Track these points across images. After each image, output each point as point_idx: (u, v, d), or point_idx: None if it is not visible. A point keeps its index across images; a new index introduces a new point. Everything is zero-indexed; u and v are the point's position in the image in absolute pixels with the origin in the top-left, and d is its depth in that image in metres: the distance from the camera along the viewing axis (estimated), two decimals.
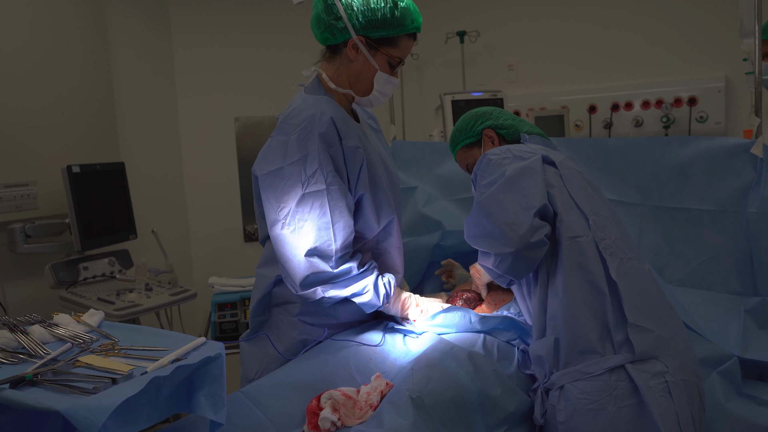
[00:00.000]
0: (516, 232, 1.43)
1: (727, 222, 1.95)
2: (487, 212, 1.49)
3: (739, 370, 1.69)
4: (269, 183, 1.59)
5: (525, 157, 1.57)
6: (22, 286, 2.62)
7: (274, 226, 1.59)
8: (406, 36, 1.67)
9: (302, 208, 1.55)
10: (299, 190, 1.55)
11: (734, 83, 3.25)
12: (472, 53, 3.90)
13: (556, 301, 1.48)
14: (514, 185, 1.49)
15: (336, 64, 1.69)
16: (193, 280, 3.77)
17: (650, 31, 3.47)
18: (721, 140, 2.02)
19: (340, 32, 1.63)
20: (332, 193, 1.56)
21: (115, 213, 2.90)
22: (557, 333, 1.47)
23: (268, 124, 3.94)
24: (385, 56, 1.66)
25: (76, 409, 0.95)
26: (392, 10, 1.61)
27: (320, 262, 1.56)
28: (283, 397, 1.42)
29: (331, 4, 1.61)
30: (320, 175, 1.55)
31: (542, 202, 1.46)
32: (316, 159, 1.55)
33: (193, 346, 1.22)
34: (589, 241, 1.48)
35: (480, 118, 1.89)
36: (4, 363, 1.15)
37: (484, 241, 1.53)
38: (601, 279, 1.45)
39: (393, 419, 1.28)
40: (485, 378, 1.47)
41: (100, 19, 3.18)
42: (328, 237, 1.56)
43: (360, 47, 1.63)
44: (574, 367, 1.42)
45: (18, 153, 2.63)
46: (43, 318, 1.35)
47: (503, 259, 1.48)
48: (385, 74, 1.68)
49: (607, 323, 1.42)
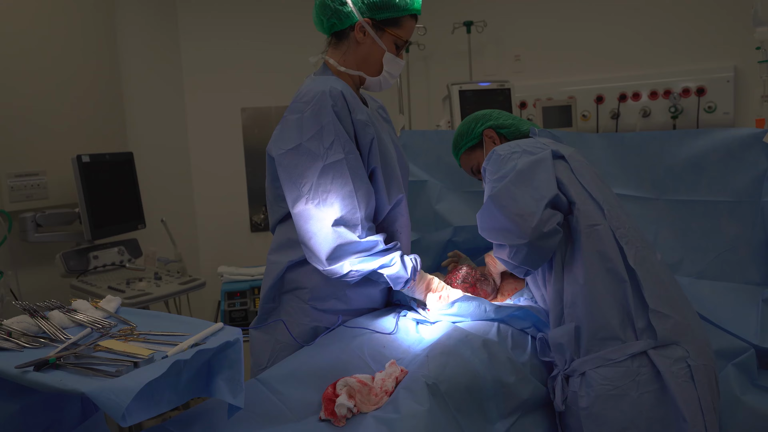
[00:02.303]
0: (528, 224, 1.44)
1: (744, 212, 1.95)
2: (500, 205, 1.50)
3: (755, 362, 1.70)
4: (289, 161, 1.62)
5: (534, 152, 1.58)
6: (33, 274, 2.64)
7: (297, 203, 1.60)
8: (409, 17, 1.73)
9: (324, 179, 1.57)
10: (319, 162, 1.57)
11: (743, 73, 3.24)
12: (479, 43, 3.89)
13: (576, 288, 1.49)
14: (524, 178, 1.51)
15: (343, 49, 1.75)
16: (201, 270, 3.78)
17: (658, 20, 3.45)
18: (734, 131, 2.01)
19: (346, 16, 1.69)
20: (351, 162, 1.59)
21: (124, 202, 2.91)
22: (577, 320, 1.48)
23: (275, 114, 3.95)
24: (391, 36, 1.71)
25: (101, 391, 0.96)
26: None
27: (347, 232, 1.57)
28: (299, 385, 1.43)
29: None
30: (338, 145, 1.58)
31: (553, 193, 1.48)
32: (332, 131, 1.59)
33: (211, 331, 1.23)
34: (606, 229, 1.50)
35: (480, 120, 1.90)
36: (27, 347, 1.16)
37: (498, 234, 1.55)
38: (620, 266, 1.46)
39: (409, 405, 1.29)
40: (500, 365, 1.48)
41: (108, 12, 3.18)
42: (352, 205, 1.58)
43: (367, 29, 1.69)
44: (596, 354, 1.44)
45: (28, 143, 2.64)
46: (62, 304, 1.36)
47: (518, 251, 1.49)
48: (393, 54, 1.73)
49: (628, 310, 1.43)
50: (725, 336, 1.75)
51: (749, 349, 1.71)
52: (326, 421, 1.28)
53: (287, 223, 1.76)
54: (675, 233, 2.04)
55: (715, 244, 1.99)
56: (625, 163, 2.15)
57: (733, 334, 1.76)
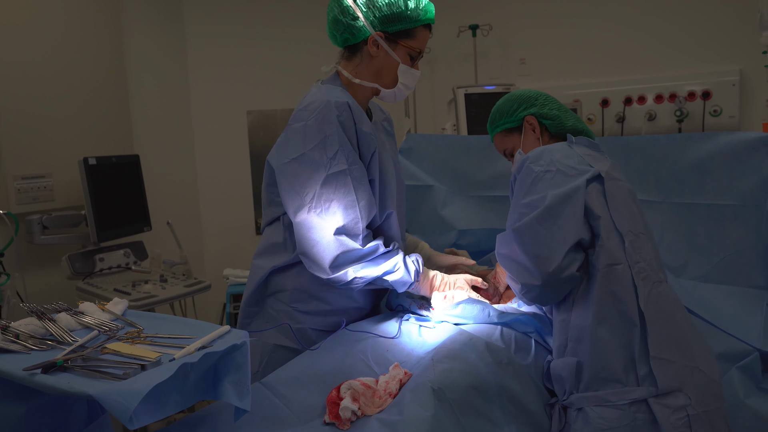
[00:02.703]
0: (546, 267, 1.42)
1: (749, 216, 1.94)
2: (521, 240, 1.46)
3: (760, 366, 1.69)
4: (291, 171, 1.62)
5: (569, 174, 1.51)
6: (39, 276, 2.65)
7: (299, 212, 1.61)
8: (422, 27, 1.72)
9: (327, 189, 1.58)
10: (323, 172, 1.58)
11: (749, 77, 3.23)
12: (485, 47, 3.89)
13: (584, 325, 1.45)
14: (551, 215, 1.45)
15: (357, 62, 1.74)
16: (206, 272, 3.79)
17: (663, 24, 3.45)
18: (739, 134, 2.01)
19: (359, 31, 1.69)
20: (354, 172, 1.60)
21: (130, 205, 2.92)
22: (581, 356, 1.45)
23: (280, 117, 3.96)
24: (405, 48, 1.71)
25: (109, 393, 0.96)
26: (406, 3, 1.67)
27: (349, 241, 1.58)
28: (303, 388, 1.43)
29: (347, 6, 1.68)
30: (341, 155, 1.59)
31: (578, 237, 1.44)
32: (336, 141, 1.59)
33: (218, 334, 1.23)
34: (625, 268, 1.45)
35: (524, 102, 1.79)
36: (34, 349, 1.16)
37: (513, 267, 1.51)
38: (632, 309, 1.42)
39: (414, 409, 1.29)
40: (503, 369, 1.47)
41: (114, 15, 3.20)
42: (355, 215, 1.59)
43: (380, 42, 1.68)
44: (596, 393, 1.42)
45: (35, 145, 2.66)
46: (69, 306, 1.36)
47: (530, 290, 1.48)
48: (407, 66, 1.72)
49: (633, 354, 1.41)
50: (730, 339, 1.74)
51: (753, 352, 1.71)
52: (330, 424, 1.28)
53: (273, 227, 1.77)
54: (680, 236, 2.03)
55: (720, 248, 1.99)
56: (630, 166, 2.14)
57: (737, 337, 1.75)
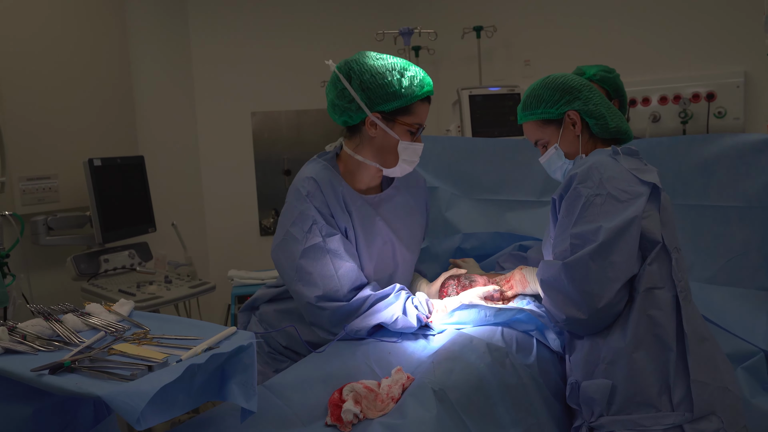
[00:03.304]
0: (595, 304, 1.41)
1: (754, 217, 1.94)
2: (571, 275, 1.43)
3: (765, 366, 1.69)
4: (282, 248, 1.68)
5: (621, 199, 1.45)
6: (44, 277, 2.65)
7: (290, 283, 1.67)
8: (419, 102, 1.69)
9: (305, 261, 1.63)
10: (300, 246, 1.64)
11: (753, 78, 3.23)
12: (489, 48, 3.89)
13: (619, 347, 1.43)
14: (604, 252, 1.40)
15: (357, 141, 1.74)
16: (210, 273, 3.80)
17: (668, 25, 3.44)
18: (744, 136, 2.01)
19: (356, 113, 1.68)
20: (329, 244, 1.64)
21: (134, 206, 2.93)
22: (614, 378, 1.43)
23: (285, 118, 3.96)
24: (403, 126, 1.69)
25: (116, 394, 0.97)
26: (399, 82, 1.65)
27: (332, 303, 1.62)
28: (306, 390, 1.43)
29: (342, 89, 1.67)
30: (315, 229, 1.64)
31: (630, 275, 1.42)
32: (309, 215, 1.65)
33: (225, 335, 1.23)
34: (665, 292, 1.43)
35: (567, 93, 1.66)
36: (41, 350, 1.16)
37: (558, 299, 1.48)
38: (669, 333, 1.41)
39: (416, 411, 1.29)
40: (505, 369, 1.47)
41: (119, 17, 3.21)
42: (333, 284, 1.62)
43: (377, 123, 1.67)
44: (629, 416, 1.40)
45: (41, 147, 2.67)
46: (76, 307, 1.37)
47: (574, 322, 1.46)
48: (407, 142, 1.70)
49: (668, 379, 1.39)
50: (735, 340, 1.74)
51: (759, 352, 1.71)
52: (332, 426, 1.28)
53: None
54: (685, 238, 2.03)
55: (726, 250, 1.98)
56: None
57: (742, 338, 1.75)
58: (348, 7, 3.98)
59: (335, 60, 1.75)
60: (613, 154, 1.56)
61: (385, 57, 1.70)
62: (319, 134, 4.01)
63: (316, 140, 4.00)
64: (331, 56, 1.82)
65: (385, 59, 1.69)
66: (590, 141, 1.67)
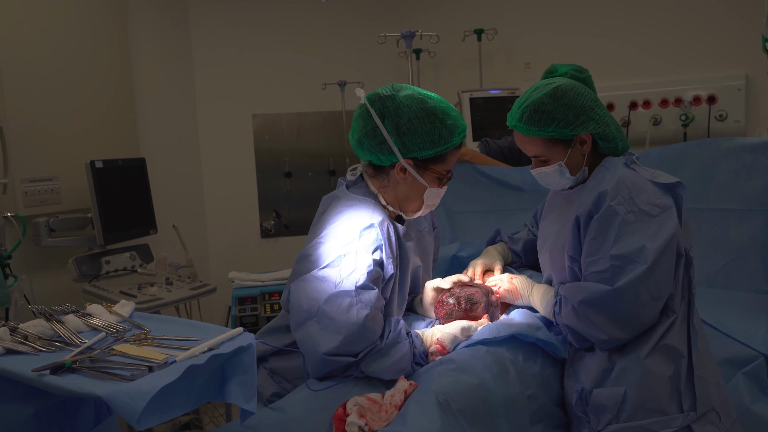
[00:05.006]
0: (641, 323, 1.44)
1: (753, 221, 1.95)
2: (622, 299, 1.43)
3: (765, 371, 1.69)
4: (309, 282, 1.50)
5: (652, 213, 1.46)
6: (46, 278, 2.66)
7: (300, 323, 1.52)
8: (453, 149, 1.61)
9: (329, 306, 1.46)
10: (332, 288, 1.47)
11: (755, 81, 3.23)
12: (490, 51, 3.90)
13: (632, 356, 1.45)
14: (652, 274, 1.42)
15: (382, 181, 1.64)
16: (211, 275, 3.80)
17: (668, 28, 3.45)
18: (743, 140, 2.01)
19: (386, 156, 1.58)
20: (361, 295, 1.47)
21: (136, 208, 2.93)
22: (626, 385, 1.45)
23: (286, 120, 3.97)
24: (434, 173, 1.60)
25: (117, 394, 0.97)
26: (440, 130, 1.55)
27: (341, 359, 1.46)
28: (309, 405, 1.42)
29: (374, 127, 1.56)
30: (355, 276, 1.48)
31: (671, 289, 1.46)
32: (353, 261, 1.49)
33: (229, 336, 1.24)
34: (680, 297, 1.47)
35: (582, 113, 1.56)
36: (42, 351, 1.17)
37: (602, 321, 1.46)
38: (682, 339, 1.44)
39: (420, 422, 1.29)
40: (510, 380, 1.47)
41: (121, 19, 3.21)
42: (352, 342, 1.45)
43: (408, 169, 1.58)
44: (639, 422, 1.42)
45: (42, 149, 2.67)
46: (77, 308, 1.37)
47: (613, 342, 1.47)
48: (435, 188, 1.62)
49: (678, 386, 1.42)
50: (734, 344, 1.74)
51: (759, 357, 1.71)
52: None
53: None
54: None
55: (725, 252, 1.99)
56: None
57: (742, 342, 1.75)
58: (349, 10, 3.98)
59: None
60: (629, 163, 1.56)
61: (424, 97, 1.58)
62: (320, 137, 4.02)
63: (317, 143, 4.01)
64: (333, 59, 1.79)
65: (425, 101, 1.57)
66: (595, 156, 1.64)
